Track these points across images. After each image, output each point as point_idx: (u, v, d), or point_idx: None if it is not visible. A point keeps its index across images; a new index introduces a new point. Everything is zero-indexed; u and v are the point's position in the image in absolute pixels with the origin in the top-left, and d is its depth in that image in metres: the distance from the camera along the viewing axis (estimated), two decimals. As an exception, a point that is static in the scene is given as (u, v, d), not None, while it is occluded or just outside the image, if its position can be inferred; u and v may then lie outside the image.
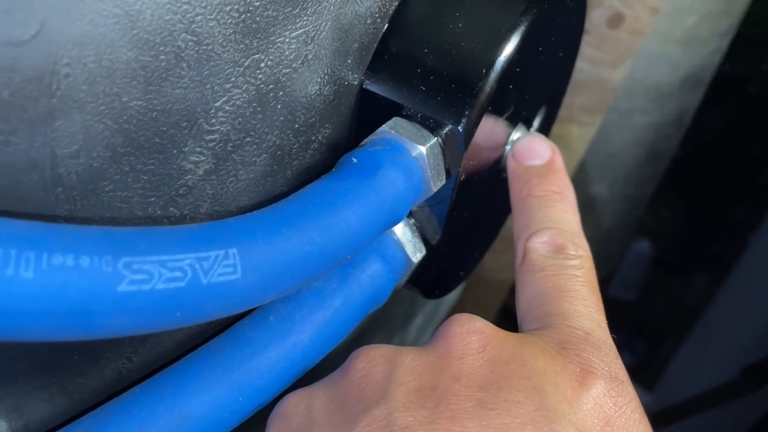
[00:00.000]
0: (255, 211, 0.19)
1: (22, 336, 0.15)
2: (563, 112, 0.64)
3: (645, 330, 1.55)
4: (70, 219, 0.17)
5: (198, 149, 0.19)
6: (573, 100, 0.67)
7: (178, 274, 0.16)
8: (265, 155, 0.21)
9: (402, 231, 0.26)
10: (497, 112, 0.25)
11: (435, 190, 0.24)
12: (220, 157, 0.20)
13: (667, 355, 1.44)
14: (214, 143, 0.20)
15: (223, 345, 0.21)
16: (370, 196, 0.21)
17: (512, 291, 0.86)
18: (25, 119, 0.15)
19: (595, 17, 0.61)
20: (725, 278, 1.33)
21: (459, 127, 0.23)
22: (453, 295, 0.60)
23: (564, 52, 0.31)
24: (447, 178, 0.24)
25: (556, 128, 0.40)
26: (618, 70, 0.66)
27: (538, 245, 0.23)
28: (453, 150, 0.24)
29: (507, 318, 1.20)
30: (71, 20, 0.15)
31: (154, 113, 0.18)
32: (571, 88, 0.37)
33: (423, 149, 0.23)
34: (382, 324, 0.42)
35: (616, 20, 0.60)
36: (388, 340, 0.45)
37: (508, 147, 0.29)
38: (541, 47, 0.26)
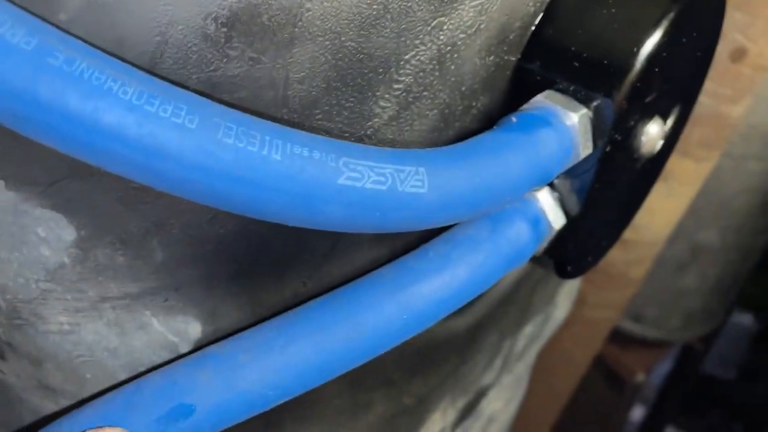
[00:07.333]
0: (435, 148, 0.22)
1: (261, 210, 0.18)
2: (679, 145, 0.65)
3: (744, 412, 1.45)
4: (286, 139, 0.21)
5: (386, 95, 0.23)
6: (690, 133, 0.67)
7: (382, 179, 0.19)
8: (436, 110, 0.24)
9: (545, 198, 0.28)
10: (642, 92, 0.27)
11: (582, 156, 0.26)
12: (402, 105, 0.23)
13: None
14: (399, 92, 0.23)
15: (390, 272, 0.24)
16: (528, 149, 0.23)
17: (611, 335, 0.84)
18: (275, 42, 0.19)
19: (717, 50, 0.61)
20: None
21: (609, 99, 0.25)
22: (560, 317, 0.61)
23: (702, 52, 0.32)
24: (594, 148, 0.26)
25: (670, 162, 0.38)
26: (738, 105, 0.66)
27: None
28: (601, 121, 0.26)
29: (600, 366, 1.16)
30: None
31: (361, 56, 0.21)
32: (688, 120, 0.37)
33: (575, 116, 0.25)
34: (497, 322, 0.44)
35: (738, 54, 0.61)
36: (499, 342, 0.47)
37: (644, 138, 0.31)
38: (685, 39, 0.28)
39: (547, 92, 0.26)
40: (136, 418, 0.21)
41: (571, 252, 0.30)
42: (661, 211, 0.75)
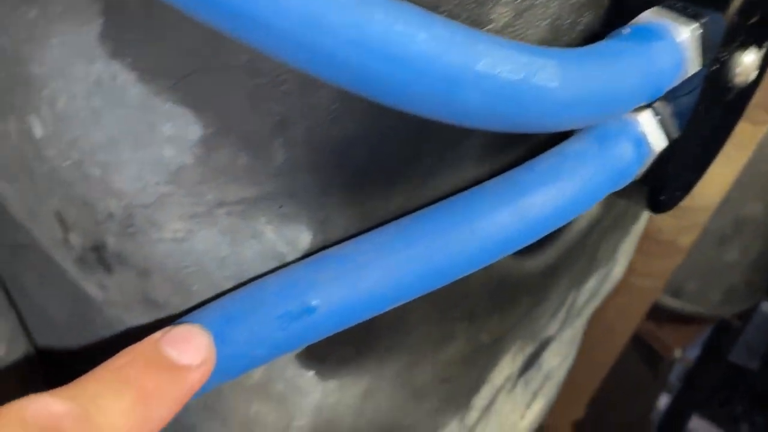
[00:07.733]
0: (560, 48, 0.22)
1: (401, 95, 0.18)
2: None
3: (767, 402, 1.43)
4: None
5: (503, 1, 0.22)
6: (749, 93, 0.65)
7: (516, 67, 0.19)
8: (546, 21, 0.24)
9: (647, 119, 0.27)
10: (748, 12, 0.27)
11: (690, 73, 0.25)
12: (517, 12, 0.23)
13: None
14: (515, -1, 0.23)
15: (498, 183, 0.24)
16: (642, 60, 0.23)
17: (650, 311, 0.82)
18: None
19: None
20: None
21: (721, 14, 0.25)
22: (617, 275, 0.60)
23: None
24: (702, 65, 0.26)
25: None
26: (800, 64, 0.64)
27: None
28: (709, 38, 0.25)
29: (638, 344, 1.15)
30: None
31: (485, -45, 0.21)
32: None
33: (686, 31, 0.24)
34: (568, 268, 0.44)
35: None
36: (566, 291, 0.47)
37: (738, 69, 0.30)
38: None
39: (655, 8, 0.25)
40: (259, 315, 0.21)
41: (667, 180, 0.30)
42: (714, 176, 0.73)
